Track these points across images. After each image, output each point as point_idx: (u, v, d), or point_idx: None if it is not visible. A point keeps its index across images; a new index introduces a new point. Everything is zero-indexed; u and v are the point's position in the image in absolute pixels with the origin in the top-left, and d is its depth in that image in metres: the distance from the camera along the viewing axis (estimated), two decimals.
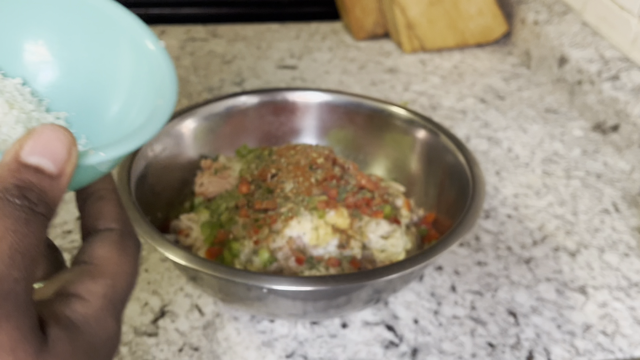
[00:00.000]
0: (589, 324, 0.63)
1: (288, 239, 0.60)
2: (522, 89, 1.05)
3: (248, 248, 0.60)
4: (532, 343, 0.61)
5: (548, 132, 0.94)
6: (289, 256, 0.59)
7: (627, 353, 0.60)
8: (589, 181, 0.84)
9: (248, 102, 0.76)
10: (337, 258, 0.60)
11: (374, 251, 0.63)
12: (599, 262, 0.71)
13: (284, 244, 0.60)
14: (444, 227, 0.67)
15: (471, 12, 1.14)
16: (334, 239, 0.61)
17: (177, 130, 0.70)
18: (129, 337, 0.58)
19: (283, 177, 0.66)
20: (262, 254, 0.59)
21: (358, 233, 0.62)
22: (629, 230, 0.76)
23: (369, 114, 0.76)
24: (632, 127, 0.86)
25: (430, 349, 0.59)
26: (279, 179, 0.66)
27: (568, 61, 1.00)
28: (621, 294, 0.67)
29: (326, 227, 0.61)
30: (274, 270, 0.59)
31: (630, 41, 0.94)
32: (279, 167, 0.67)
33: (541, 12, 1.11)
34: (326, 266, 0.59)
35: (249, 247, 0.60)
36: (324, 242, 0.60)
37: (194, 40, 1.15)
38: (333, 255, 0.60)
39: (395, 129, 0.75)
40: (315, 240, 0.60)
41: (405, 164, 0.75)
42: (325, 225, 0.61)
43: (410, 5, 1.11)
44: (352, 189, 0.66)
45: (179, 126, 0.70)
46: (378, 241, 0.63)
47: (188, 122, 0.72)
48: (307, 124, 0.78)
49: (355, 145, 0.78)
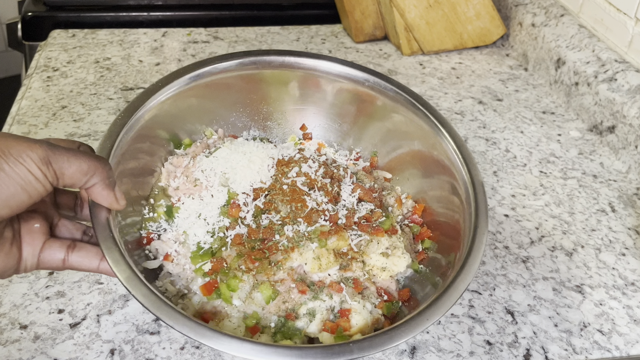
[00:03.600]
0: (586, 322, 0.64)
1: (289, 270, 0.58)
2: (519, 91, 1.06)
3: (248, 284, 0.57)
4: (529, 341, 0.61)
5: (545, 133, 0.95)
6: (291, 288, 0.58)
7: (624, 351, 0.61)
8: (586, 181, 0.85)
9: (227, 67, 0.71)
10: (338, 282, 0.59)
11: (375, 269, 0.62)
12: (596, 262, 0.72)
13: (285, 276, 0.58)
14: (436, 221, 0.66)
15: (469, 15, 1.15)
16: (336, 265, 0.59)
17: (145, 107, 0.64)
18: (131, 335, 0.59)
19: (277, 198, 0.63)
20: (264, 290, 0.57)
21: (359, 254, 0.61)
22: (625, 230, 0.77)
23: (362, 90, 0.73)
24: (628, 128, 0.87)
25: (428, 347, 0.60)
26: (272, 198, 0.63)
27: (565, 63, 1.01)
28: (617, 293, 0.68)
29: (328, 255, 0.59)
30: (277, 304, 0.57)
31: (627, 43, 0.94)
32: (272, 186, 0.64)
33: (538, 15, 1.12)
34: (329, 294, 0.58)
35: (249, 283, 0.57)
36: (326, 270, 0.59)
37: (195, 42, 1.16)
38: (334, 280, 0.59)
39: (385, 106, 0.72)
40: (317, 269, 0.59)
41: (390, 143, 0.73)
42: (327, 253, 0.59)
43: (409, 8, 1.12)
44: (352, 206, 0.64)
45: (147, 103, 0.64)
46: (379, 259, 0.62)
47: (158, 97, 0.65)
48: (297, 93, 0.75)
49: (340, 116, 0.76)
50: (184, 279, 0.60)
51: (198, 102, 0.71)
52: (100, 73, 1.04)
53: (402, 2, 1.12)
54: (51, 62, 1.06)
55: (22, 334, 0.58)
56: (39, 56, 1.09)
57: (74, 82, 1.00)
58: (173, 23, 1.24)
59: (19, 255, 0.49)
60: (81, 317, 0.60)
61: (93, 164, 0.47)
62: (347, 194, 0.65)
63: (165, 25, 1.23)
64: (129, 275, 0.49)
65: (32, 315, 0.60)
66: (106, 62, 1.08)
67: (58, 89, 0.98)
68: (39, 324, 0.59)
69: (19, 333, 0.58)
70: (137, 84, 1.02)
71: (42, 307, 0.61)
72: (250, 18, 1.27)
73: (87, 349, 0.57)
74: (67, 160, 0.46)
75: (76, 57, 1.08)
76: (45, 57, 1.08)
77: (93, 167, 0.47)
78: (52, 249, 0.50)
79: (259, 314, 0.57)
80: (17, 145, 0.44)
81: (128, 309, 0.62)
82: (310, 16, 1.28)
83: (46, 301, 0.62)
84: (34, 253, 0.50)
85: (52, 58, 1.08)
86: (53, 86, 0.99)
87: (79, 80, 1.01)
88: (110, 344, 0.58)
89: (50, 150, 0.45)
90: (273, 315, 0.57)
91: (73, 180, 0.47)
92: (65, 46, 1.12)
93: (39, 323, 0.60)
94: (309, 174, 0.65)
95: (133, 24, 1.22)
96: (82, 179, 0.47)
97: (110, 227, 0.52)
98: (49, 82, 1.00)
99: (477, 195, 0.60)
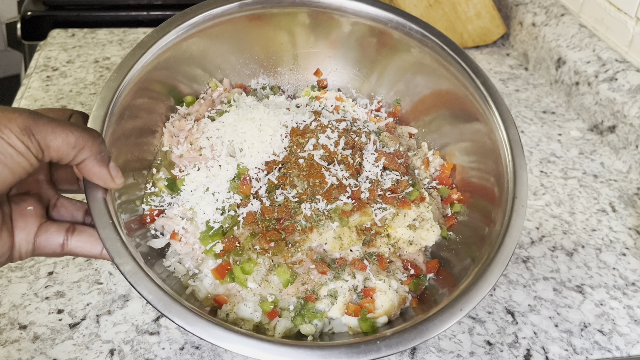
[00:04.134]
0: (586, 322, 0.64)
1: (308, 250, 0.54)
2: (519, 90, 1.06)
3: (263, 267, 0.53)
4: (529, 341, 0.61)
5: (545, 132, 0.95)
6: (311, 269, 0.53)
7: (624, 351, 0.61)
8: (586, 181, 0.85)
9: (229, 9, 0.63)
10: (361, 259, 0.55)
11: (401, 242, 0.57)
12: (596, 262, 0.71)
13: (303, 257, 0.54)
14: (461, 179, 0.61)
15: (469, 14, 1.15)
16: (359, 243, 0.55)
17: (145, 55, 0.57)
18: (130, 336, 0.59)
19: (293, 173, 0.56)
20: (282, 274, 0.52)
21: (384, 228, 0.56)
22: (626, 230, 0.76)
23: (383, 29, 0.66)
24: (629, 127, 0.87)
25: (429, 347, 0.60)
26: (287, 172, 0.56)
27: (565, 63, 1.01)
28: (618, 293, 0.67)
29: (350, 233, 0.55)
30: (295, 286, 0.53)
31: (627, 42, 0.94)
32: (287, 159, 0.57)
33: (539, 14, 1.12)
34: (352, 272, 0.53)
35: (265, 266, 0.53)
36: (347, 249, 0.55)
37: None
38: (357, 257, 0.55)
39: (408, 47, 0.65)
40: (339, 249, 0.54)
41: (414, 85, 0.66)
42: (349, 232, 0.55)
43: (409, 8, 1.12)
44: (375, 177, 0.57)
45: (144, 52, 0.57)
46: (405, 232, 0.57)
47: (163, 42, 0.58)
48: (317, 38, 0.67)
49: (358, 59, 0.69)
50: (193, 259, 0.55)
51: (199, 51, 0.64)
52: (99, 73, 1.04)
53: (403, 1, 1.11)
54: (50, 61, 1.06)
55: (21, 334, 0.58)
56: (38, 56, 1.08)
57: (73, 82, 1.00)
58: None
59: (10, 241, 0.44)
60: (81, 317, 0.60)
61: (82, 135, 0.42)
62: (370, 164, 0.58)
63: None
64: (132, 268, 0.45)
65: (31, 315, 0.60)
66: (106, 61, 1.07)
67: (57, 88, 0.98)
68: (39, 324, 0.59)
69: (19, 333, 0.58)
70: None
71: (41, 307, 0.61)
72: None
73: (87, 349, 0.57)
74: (51, 131, 0.41)
75: (76, 57, 1.08)
76: (45, 57, 1.08)
77: (82, 140, 0.42)
78: (49, 233, 0.46)
79: (277, 296, 0.53)
80: None
81: (128, 309, 0.61)
82: None
83: (45, 301, 0.62)
84: (28, 238, 0.45)
85: (51, 57, 1.07)
86: (52, 86, 0.99)
87: (79, 80, 1.01)
88: (110, 344, 0.58)
89: (32, 119, 0.40)
90: (292, 297, 0.53)
91: (60, 154, 0.42)
92: (64, 46, 1.12)
93: (39, 323, 0.59)
94: (327, 146, 0.58)
95: (133, 24, 1.22)
96: (70, 153, 0.42)
97: (109, 210, 0.46)
98: (48, 82, 1.00)
99: (515, 158, 0.55)
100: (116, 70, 0.54)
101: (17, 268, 0.65)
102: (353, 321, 0.53)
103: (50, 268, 0.65)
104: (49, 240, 0.46)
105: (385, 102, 0.70)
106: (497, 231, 0.52)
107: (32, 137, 0.40)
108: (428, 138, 0.68)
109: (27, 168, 0.41)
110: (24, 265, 0.66)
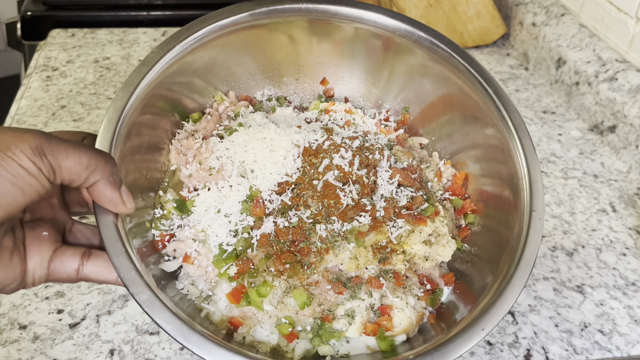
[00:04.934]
0: (587, 322, 0.64)
1: (324, 271, 0.53)
2: (520, 90, 1.06)
3: (280, 289, 0.52)
4: (530, 341, 0.61)
5: (546, 132, 0.95)
6: (327, 290, 0.53)
7: (624, 351, 0.61)
8: (586, 181, 0.85)
9: (235, 21, 0.62)
10: (377, 277, 0.54)
11: (417, 259, 0.57)
12: (596, 262, 0.71)
13: (320, 279, 0.53)
14: (474, 188, 0.61)
15: (470, 14, 1.15)
16: (375, 263, 0.54)
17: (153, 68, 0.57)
18: (130, 336, 0.59)
19: (307, 194, 0.55)
20: (298, 297, 0.52)
21: (399, 246, 0.56)
22: (626, 230, 0.76)
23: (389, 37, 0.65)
24: (629, 127, 0.87)
25: None
26: (300, 192, 0.55)
27: (565, 63, 1.01)
28: (618, 293, 0.67)
29: (366, 253, 0.54)
30: (312, 306, 0.52)
31: (628, 42, 0.94)
32: (300, 180, 0.56)
33: (539, 14, 1.12)
34: (368, 291, 0.53)
35: (281, 289, 0.52)
36: (362, 268, 0.54)
37: None
38: (372, 275, 0.54)
39: (414, 53, 0.64)
40: (355, 269, 0.54)
41: (422, 91, 0.65)
42: (365, 251, 0.54)
43: (409, 8, 1.12)
44: (390, 195, 0.57)
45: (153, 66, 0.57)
46: (421, 249, 0.56)
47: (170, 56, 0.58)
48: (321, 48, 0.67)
49: (365, 67, 0.68)
50: (207, 281, 0.54)
51: (204, 64, 0.63)
52: (99, 72, 1.04)
53: (403, 1, 1.11)
54: (50, 61, 1.06)
55: (21, 334, 0.58)
56: (38, 56, 1.08)
57: (73, 82, 1.00)
58: (172, 22, 1.24)
59: (22, 266, 0.43)
60: (80, 317, 0.60)
61: (94, 157, 0.42)
62: (384, 181, 0.58)
63: (164, 24, 1.23)
64: (148, 298, 0.44)
65: (31, 315, 0.60)
66: (106, 61, 1.07)
67: (57, 88, 0.98)
68: (39, 324, 0.59)
69: (19, 333, 0.58)
70: None
71: (41, 307, 0.61)
72: None
73: (87, 349, 0.57)
74: (64, 151, 0.40)
75: (75, 57, 1.08)
76: (45, 57, 1.08)
77: (94, 162, 0.42)
78: (64, 257, 0.44)
79: (293, 318, 0.53)
80: (4, 137, 0.39)
81: (127, 309, 0.61)
82: None
83: (45, 301, 0.62)
84: (42, 263, 0.44)
85: (51, 57, 1.07)
86: (52, 86, 0.99)
87: (79, 80, 1.01)
88: (110, 344, 0.58)
89: (44, 139, 0.40)
90: (308, 317, 0.53)
91: (72, 175, 0.41)
92: (64, 46, 1.12)
93: (39, 323, 0.59)
94: (341, 166, 0.57)
95: (132, 24, 1.22)
96: (82, 174, 0.42)
97: (121, 236, 0.46)
98: (48, 82, 1.00)
99: (531, 169, 0.55)
100: (122, 89, 0.54)
101: None
102: (371, 341, 0.53)
103: None
104: (64, 264, 0.45)
105: (393, 109, 0.70)
106: (515, 243, 0.51)
107: (44, 157, 0.40)
108: (438, 146, 0.67)
109: (38, 189, 0.40)
110: None
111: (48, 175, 0.40)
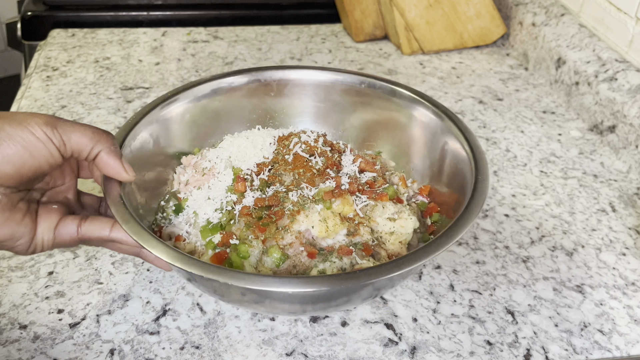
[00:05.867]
0: (586, 322, 0.64)
1: (297, 233, 0.59)
2: (519, 90, 1.06)
3: (257, 249, 0.58)
4: (529, 341, 0.61)
5: (545, 132, 0.95)
6: (300, 252, 0.58)
7: (624, 351, 0.61)
8: (586, 181, 0.85)
9: (235, 82, 0.73)
10: (348, 246, 0.59)
11: (384, 234, 0.62)
12: (596, 261, 0.72)
13: (293, 240, 0.58)
14: (442, 200, 0.67)
15: (469, 14, 1.15)
16: (343, 228, 0.60)
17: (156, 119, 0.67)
18: (130, 335, 0.59)
19: (280, 169, 0.65)
20: (273, 253, 0.57)
21: (365, 219, 0.62)
22: (626, 230, 0.77)
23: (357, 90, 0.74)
24: (628, 127, 0.87)
25: (429, 347, 0.60)
26: (276, 171, 0.65)
27: (565, 63, 1.01)
28: (618, 292, 0.67)
29: (334, 217, 0.60)
30: (287, 268, 0.57)
31: (627, 42, 0.94)
32: (275, 160, 0.67)
33: (539, 14, 1.12)
34: (339, 256, 0.58)
35: (258, 248, 0.58)
36: (333, 233, 0.59)
37: (195, 42, 1.16)
38: (343, 244, 0.59)
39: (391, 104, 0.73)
40: (325, 232, 0.59)
41: (393, 136, 0.74)
42: (333, 215, 0.60)
43: (409, 8, 1.12)
44: (353, 174, 0.66)
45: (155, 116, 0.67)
46: (386, 224, 0.62)
47: (169, 110, 0.68)
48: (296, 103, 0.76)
49: (339, 121, 0.77)
50: (195, 254, 0.61)
51: (192, 121, 0.72)
52: (100, 73, 1.04)
53: (402, 1, 1.11)
54: (51, 61, 1.06)
55: (21, 334, 0.58)
56: (38, 56, 1.08)
57: (73, 82, 1.00)
58: (173, 22, 1.24)
59: (33, 227, 0.51)
60: (81, 317, 0.60)
61: (97, 131, 0.51)
62: (348, 163, 0.67)
63: (164, 24, 1.23)
64: (139, 230, 0.50)
65: (31, 315, 0.60)
66: (106, 61, 1.08)
67: (58, 88, 0.98)
68: (39, 323, 0.59)
69: (19, 333, 0.58)
70: (136, 83, 1.02)
71: (41, 307, 0.61)
72: (250, 17, 1.27)
73: (87, 349, 0.57)
74: (71, 126, 0.49)
75: (76, 57, 1.08)
76: (45, 57, 1.08)
77: (97, 135, 0.51)
78: (65, 222, 0.52)
79: None
80: (20, 115, 0.48)
81: (128, 309, 0.62)
82: (310, 15, 1.28)
83: (46, 301, 0.62)
84: (49, 227, 0.51)
85: (51, 57, 1.07)
86: (52, 86, 0.99)
87: (79, 80, 1.01)
88: (110, 344, 0.58)
89: (55, 118, 0.49)
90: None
91: (79, 145, 0.50)
92: (64, 46, 1.12)
93: (39, 323, 0.59)
94: (308, 142, 0.67)
95: (133, 24, 1.22)
96: (88, 145, 0.50)
97: (122, 197, 0.54)
98: (48, 82, 1.00)
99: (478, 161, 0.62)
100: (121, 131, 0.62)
101: (17, 268, 0.65)
102: None
103: (50, 268, 0.66)
104: (67, 227, 0.52)
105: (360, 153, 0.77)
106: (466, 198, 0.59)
107: (54, 130, 0.48)
108: (404, 170, 0.74)
109: (47, 157, 0.48)
110: (24, 265, 0.66)
111: (59, 145, 0.48)
